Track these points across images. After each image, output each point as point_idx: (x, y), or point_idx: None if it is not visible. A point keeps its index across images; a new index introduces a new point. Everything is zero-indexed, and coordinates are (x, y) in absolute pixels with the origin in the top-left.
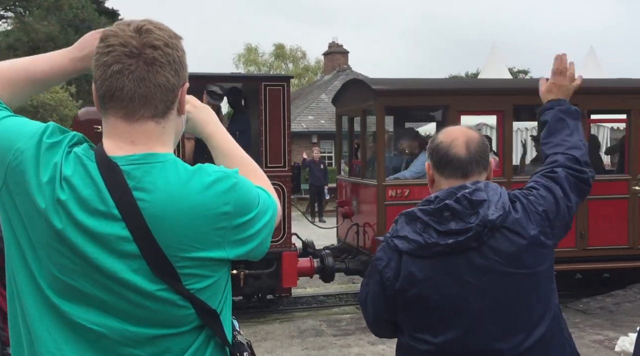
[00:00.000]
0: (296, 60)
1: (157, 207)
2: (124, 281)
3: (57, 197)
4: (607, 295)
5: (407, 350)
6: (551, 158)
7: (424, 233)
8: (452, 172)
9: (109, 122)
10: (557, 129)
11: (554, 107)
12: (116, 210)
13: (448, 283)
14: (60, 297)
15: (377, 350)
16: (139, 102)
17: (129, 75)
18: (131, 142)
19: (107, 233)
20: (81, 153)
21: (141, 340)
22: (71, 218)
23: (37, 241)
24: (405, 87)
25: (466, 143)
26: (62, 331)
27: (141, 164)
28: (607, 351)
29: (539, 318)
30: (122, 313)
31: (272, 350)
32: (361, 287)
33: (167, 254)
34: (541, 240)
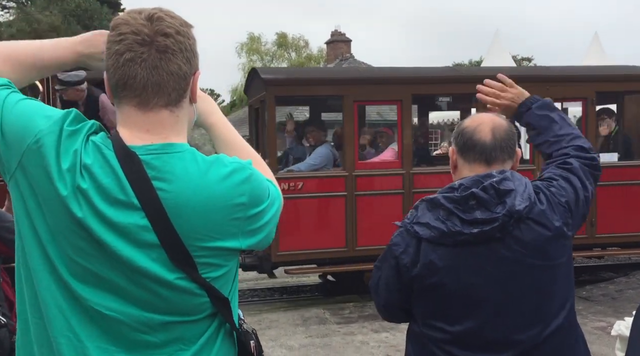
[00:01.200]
0: (299, 49)
1: (177, 197)
2: (142, 270)
3: (78, 184)
4: (610, 282)
5: (420, 338)
6: (559, 153)
7: (447, 221)
8: (476, 156)
9: (123, 110)
10: (545, 127)
11: (530, 107)
12: (136, 200)
13: (469, 273)
14: (77, 280)
15: (380, 337)
16: (152, 90)
17: (142, 63)
18: (147, 131)
19: (127, 223)
20: (99, 142)
21: (155, 326)
22: (92, 207)
23: (55, 225)
24: (297, 77)
25: (492, 129)
26: (77, 315)
27: (160, 154)
28: (609, 338)
29: (557, 310)
30: (138, 300)
31: (276, 338)
32: (373, 271)
33: (185, 244)
34: (564, 231)
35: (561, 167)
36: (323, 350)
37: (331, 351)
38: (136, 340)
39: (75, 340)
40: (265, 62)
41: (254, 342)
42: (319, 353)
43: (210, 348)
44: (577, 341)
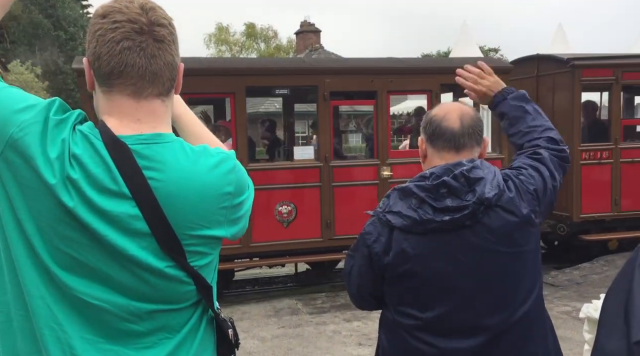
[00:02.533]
0: (268, 39)
1: (169, 187)
2: (133, 258)
3: (68, 174)
4: (575, 267)
5: (393, 325)
6: (530, 144)
7: (419, 209)
8: (444, 143)
9: (113, 99)
10: (518, 118)
11: (506, 97)
12: (127, 189)
13: (440, 260)
14: (63, 270)
15: (352, 326)
16: (149, 80)
17: (140, 52)
18: (137, 120)
19: (118, 212)
20: (87, 132)
21: (142, 315)
22: (82, 197)
23: (41, 214)
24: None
25: (460, 117)
26: (62, 305)
27: (150, 144)
28: (574, 321)
29: (525, 296)
30: (126, 288)
31: (248, 329)
32: (346, 259)
33: (176, 232)
34: (532, 218)
35: (531, 157)
36: (295, 340)
37: (304, 341)
38: (122, 329)
39: (60, 331)
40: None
41: (231, 330)
42: (291, 344)
43: (193, 337)
44: (545, 327)
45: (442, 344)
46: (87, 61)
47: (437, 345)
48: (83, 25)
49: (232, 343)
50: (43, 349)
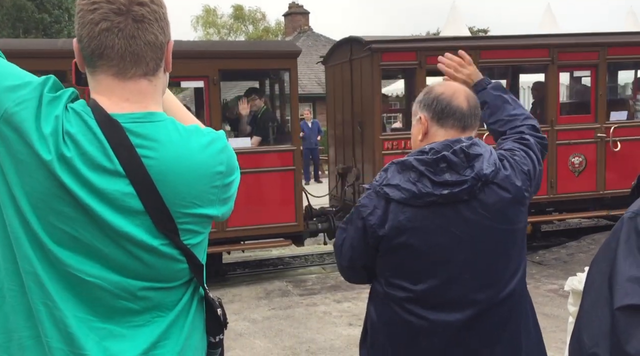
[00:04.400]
0: (256, 21)
1: (163, 165)
2: (127, 236)
3: (62, 152)
4: (562, 246)
5: (383, 298)
6: (513, 131)
7: (418, 183)
8: (454, 123)
9: (98, 79)
10: (499, 106)
11: (486, 87)
12: (121, 167)
13: (435, 233)
14: (58, 245)
15: (342, 307)
16: (130, 61)
17: (118, 33)
18: (126, 99)
19: (112, 190)
20: (79, 109)
21: (136, 292)
22: (76, 174)
23: (35, 190)
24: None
25: (467, 97)
26: (56, 283)
27: (143, 122)
28: (561, 299)
29: (513, 272)
30: (121, 266)
31: (239, 311)
32: (338, 232)
33: (170, 210)
34: (525, 196)
35: (519, 142)
36: (286, 321)
37: (294, 322)
38: (116, 307)
39: (54, 308)
40: (222, 35)
41: (220, 310)
42: (282, 325)
43: (185, 315)
44: (527, 305)
45: (432, 316)
46: (75, 42)
47: (427, 318)
48: (68, 8)
49: (221, 322)
50: (39, 325)
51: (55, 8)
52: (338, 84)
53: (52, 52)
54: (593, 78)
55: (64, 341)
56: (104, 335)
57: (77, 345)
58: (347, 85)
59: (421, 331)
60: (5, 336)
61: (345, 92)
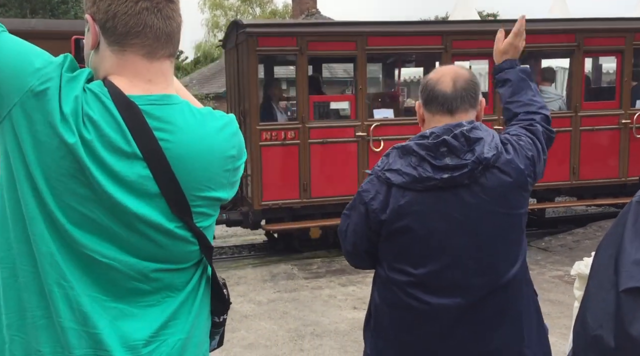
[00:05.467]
0: (263, 4)
1: (180, 148)
2: (143, 218)
3: (82, 134)
4: (568, 233)
5: (386, 282)
6: (526, 116)
7: (419, 167)
8: (437, 107)
9: (126, 58)
10: (521, 88)
11: (514, 66)
12: (138, 150)
13: (435, 218)
14: (74, 226)
15: (347, 291)
16: (164, 41)
17: (157, 13)
18: (149, 80)
19: (130, 173)
20: (97, 91)
21: (149, 274)
22: (96, 157)
23: (52, 169)
24: None
25: (453, 80)
26: (71, 263)
27: (161, 105)
28: (566, 285)
29: (514, 258)
30: (135, 248)
31: (244, 293)
32: (342, 218)
33: (185, 193)
34: (527, 181)
35: (527, 128)
36: (291, 304)
37: (299, 304)
38: (128, 288)
39: (68, 288)
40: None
41: (225, 291)
42: (287, 307)
43: (194, 296)
44: (529, 292)
45: (432, 300)
46: (91, 18)
47: (428, 301)
48: None
49: (227, 303)
50: (51, 305)
51: None
52: (231, 70)
53: (25, 32)
54: (619, 64)
55: (77, 321)
56: (116, 314)
57: (90, 324)
58: (235, 72)
59: (423, 315)
60: (19, 315)
61: (233, 79)
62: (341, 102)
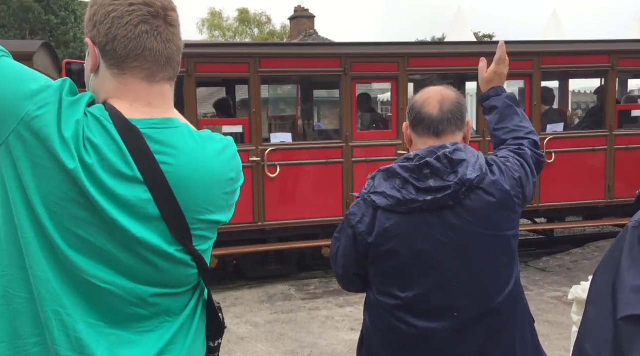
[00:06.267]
0: (261, 25)
1: (181, 171)
2: (143, 242)
3: (83, 159)
4: (566, 253)
5: (375, 305)
6: (514, 142)
7: (403, 190)
8: (424, 130)
9: (126, 82)
10: (508, 115)
11: (500, 94)
12: (139, 174)
13: (421, 240)
14: (74, 251)
15: (344, 312)
16: (164, 64)
17: (157, 36)
18: (149, 104)
19: (132, 196)
20: (98, 115)
21: (147, 299)
22: (97, 181)
23: (52, 194)
24: None
25: (440, 102)
26: (68, 288)
27: (162, 128)
28: (565, 306)
29: (505, 281)
30: (134, 272)
31: (241, 314)
32: (332, 241)
33: (186, 216)
34: (514, 201)
35: (515, 152)
36: (288, 325)
37: (296, 326)
38: (126, 313)
39: (65, 314)
40: (228, 38)
41: (221, 315)
42: (284, 329)
43: (191, 320)
44: (523, 315)
45: (420, 324)
46: (91, 42)
47: (416, 325)
48: (74, 10)
49: (222, 327)
50: (47, 332)
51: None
52: None
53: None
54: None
55: (73, 349)
56: (114, 341)
57: (87, 352)
58: None
59: (411, 339)
60: (10, 343)
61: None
62: (234, 125)
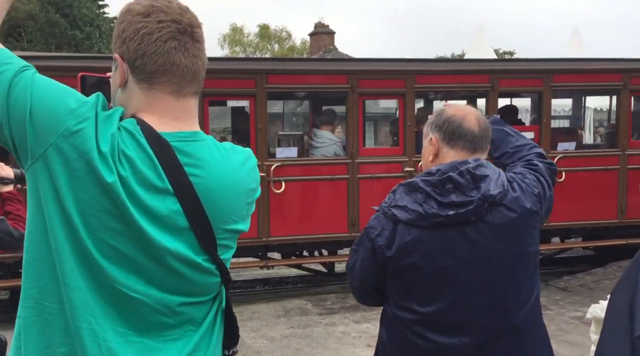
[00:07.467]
0: (281, 40)
1: (209, 183)
2: (172, 252)
3: (119, 171)
4: (588, 273)
5: (393, 320)
6: (522, 160)
7: (424, 204)
8: (465, 144)
9: (154, 96)
10: (502, 140)
11: None
12: (170, 186)
13: (441, 255)
14: (107, 261)
15: (361, 328)
16: (190, 79)
17: (185, 52)
18: (177, 118)
19: (162, 208)
20: (131, 129)
21: (174, 308)
22: (131, 193)
23: (88, 205)
24: None
25: (477, 119)
26: (100, 298)
27: (190, 141)
28: (586, 327)
29: (526, 298)
30: (162, 282)
31: (258, 328)
32: (350, 254)
33: (213, 226)
34: (534, 218)
35: (528, 167)
36: (305, 340)
37: (313, 341)
38: (153, 322)
39: (95, 323)
40: (248, 53)
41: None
42: (300, 344)
43: (212, 328)
44: (542, 334)
45: (439, 339)
46: (119, 57)
47: (434, 341)
48: (99, 25)
49: (237, 335)
50: (77, 341)
51: (87, 25)
52: None
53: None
54: None
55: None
56: (141, 349)
57: None
58: None
59: (429, 354)
60: (40, 353)
61: None
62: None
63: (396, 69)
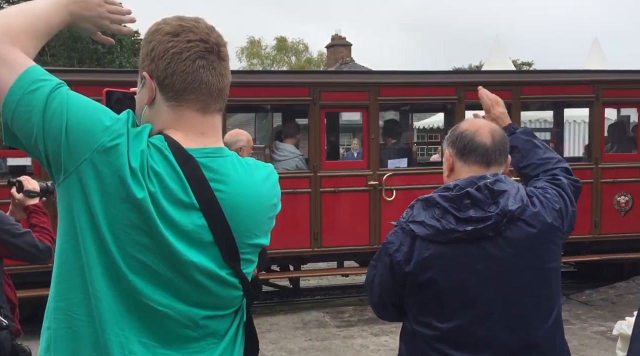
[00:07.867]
0: (298, 53)
1: (233, 198)
2: (198, 266)
3: (148, 187)
4: (610, 286)
5: (412, 336)
6: (547, 174)
7: (442, 219)
8: (477, 158)
9: (182, 113)
10: (529, 150)
11: (514, 131)
12: (196, 201)
13: (460, 271)
14: (135, 275)
15: (379, 341)
16: (217, 96)
17: (212, 70)
18: (202, 133)
19: (188, 223)
20: (159, 145)
21: (198, 321)
22: (159, 209)
23: (119, 221)
24: None
25: (491, 133)
26: (127, 310)
27: (215, 157)
28: (609, 342)
29: (547, 314)
30: (187, 295)
31: (276, 341)
32: (369, 269)
33: (237, 241)
34: (555, 234)
35: (551, 182)
36: (323, 353)
37: (330, 354)
38: (178, 335)
39: (122, 336)
40: (266, 65)
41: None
42: None
43: (234, 341)
44: (562, 353)
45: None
46: (148, 76)
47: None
48: (120, 39)
49: (258, 348)
50: (105, 353)
51: None
52: None
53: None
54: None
55: None
56: None
57: None
58: None
59: None
60: None
61: None
62: None
63: (359, 81)
